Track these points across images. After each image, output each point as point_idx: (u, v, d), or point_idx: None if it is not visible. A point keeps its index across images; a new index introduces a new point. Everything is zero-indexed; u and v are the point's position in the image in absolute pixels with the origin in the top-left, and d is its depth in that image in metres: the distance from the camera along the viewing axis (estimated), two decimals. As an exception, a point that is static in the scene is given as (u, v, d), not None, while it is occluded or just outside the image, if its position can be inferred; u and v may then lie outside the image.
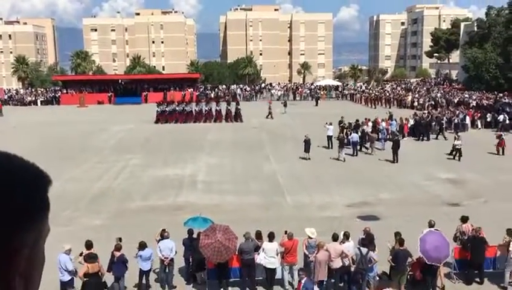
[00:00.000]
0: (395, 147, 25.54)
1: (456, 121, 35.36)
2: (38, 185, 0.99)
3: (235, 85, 74.17)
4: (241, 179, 22.35)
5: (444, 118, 35.80)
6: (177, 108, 42.86)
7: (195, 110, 42.82)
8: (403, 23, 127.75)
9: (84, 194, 19.91)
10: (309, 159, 25.60)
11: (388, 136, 29.72)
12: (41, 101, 62.27)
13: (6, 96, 64.26)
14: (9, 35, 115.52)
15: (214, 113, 42.33)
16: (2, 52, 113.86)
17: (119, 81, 67.27)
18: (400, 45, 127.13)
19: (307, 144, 25.69)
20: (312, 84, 77.94)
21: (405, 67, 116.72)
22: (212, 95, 62.04)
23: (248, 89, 69.93)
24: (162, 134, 35.16)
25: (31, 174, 0.99)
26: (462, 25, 76.90)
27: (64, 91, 63.06)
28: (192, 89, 62.59)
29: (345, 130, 28.78)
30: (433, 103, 49.03)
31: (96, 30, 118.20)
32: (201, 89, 66.96)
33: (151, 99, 59.25)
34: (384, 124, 30.96)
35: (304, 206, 18.20)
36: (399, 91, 61.77)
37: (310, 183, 21.35)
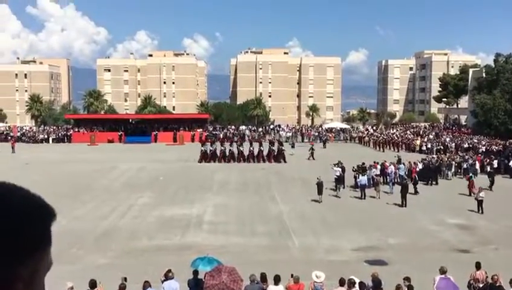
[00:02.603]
0: (404, 191, 25.34)
1: (465, 166, 35.16)
2: (39, 217, 0.97)
3: (244, 126, 74.67)
4: (248, 220, 22.19)
5: (453, 162, 35.62)
6: (221, 147, 42.92)
7: (239, 150, 42.66)
8: (411, 68, 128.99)
9: (90, 232, 19.82)
10: (321, 201, 25.44)
11: (396, 180, 29.55)
12: (53, 139, 62.92)
13: (19, 134, 65.05)
14: (25, 74, 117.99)
15: (255, 154, 42.23)
16: (17, 90, 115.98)
17: (130, 120, 68.05)
18: (408, 90, 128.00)
19: (320, 186, 25.60)
20: (320, 126, 78.30)
21: (413, 112, 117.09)
22: (221, 136, 62.42)
23: (258, 130, 70.34)
24: (170, 173, 35.21)
25: (34, 206, 0.98)
26: (471, 71, 77.49)
27: (76, 129, 63.79)
28: (201, 129, 63.06)
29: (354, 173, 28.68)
30: (442, 147, 48.92)
31: (109, 70, 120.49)
32: (211, 129, 67.41)
33: (160, 139, 59.77)
34: (392, 167, 30.84)
35: (311, 249, 17.96)
36: (408, 135, 61.80)
37: (317, 226, 21.13)
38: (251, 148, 42.80)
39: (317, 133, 66.80)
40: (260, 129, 71.72)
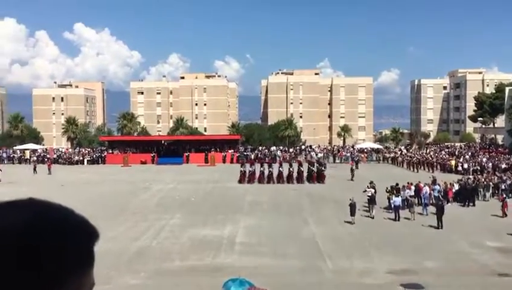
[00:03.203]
0: (439, 213, 24.77)
1: (503, 187, 34.19)
2: (83, 237, 0.99)
3: (275, 147, 74.68)
4: (280, 241, 22.02)
5: (491, 183, 34.69)
6: (261, 168, 42.89)
7: (280, 170, 42.52)
8: (445, 88, 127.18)
9: (123, 253, 20.01)
10: (354, 223, 25.11)
11: (431, 201, 28.94)
12: (87, 160, 64.25)
13: (55, 156, 66.66)
14: (62, 98, 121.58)
15: (295, 174, 42.07)
16: (54, 113, 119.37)
17: (162, 142, 69.06)
18: (443, 109, 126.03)
19: (353, 207, 25.30)
20: (352, 146, 77.63)
21: (448, 131, 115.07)
22: (252, 157, 62.57)
23: (289, 150, 70.20)
24: (202, 194, 35.41)
25: (78, 226, 1.00)
26: (507, 89, 75.81)
27: (110, 151, 65.00)
28: (232, 150, 63.38)
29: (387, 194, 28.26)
30: (478, 167, 47.76)
31: (142, 93, 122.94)
32: (242, 150, 67.65)
33: (192, 160, 60.33)
34: (427, 188, 30.23)
35: (344, 272, 17.66)
36: (442, 155, 60.63)
37: (350, 248, 20.80)
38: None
39: (349, 154, 66.24)
40: (291, 150, 71.57)
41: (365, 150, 70.02)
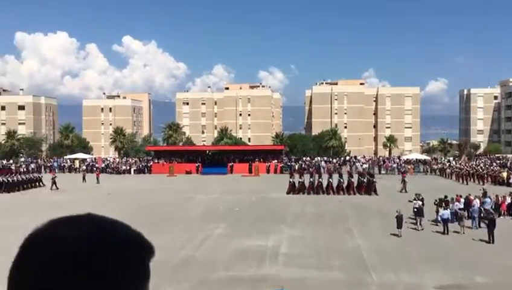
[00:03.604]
0: (491, 227, 23.88)
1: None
2: (139, 253, 1.02)
3: (319, 157, 74.16)
4: (324, 253, 21.77)
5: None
6: (310, 179, 42.40)
7: (330, 181, 42.01)
8: (495, 97, 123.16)
9: (167, 262, 20.24)
10: (401, 236, 24.55)
11: (482, 215, 27.96)
12: (134, 170, 65.66)
13: (103, 165, 68.50)
14: (110, 109, 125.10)
15: (343, 185, 41.59)
16: (103, 124, 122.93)
17: (207, 152, 69.79)
18: (494, 119, 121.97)
19: (399, 219, 24.77)
20: (398, 157, 76.14)
21: (500, 142, 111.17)
22: (296, 167, 62.37)
23: (333, 161, 69.56)
24: (246, 204, 35.49)
25: (134, 241, 1.02)
26: (562, 98, 72.66)
27: (156, 161, 66.23)
28: (276, 161, 63.34)
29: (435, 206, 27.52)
30: (532, 179, 45.85)
31: (188, 104, 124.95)
32: (286, 161, 67.51)
33: (236, 170, 60.65)
34: (477, 201, 29.24)
35: (390, 286, 17.25)
36: (493, 167, 58.56)
37: (396, 261, 20.32)
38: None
39: (395, 165, 64.99)
40: (335, 160, 70.89)
41: (412, 161, 68.52)
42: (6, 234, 25.49)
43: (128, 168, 66.84)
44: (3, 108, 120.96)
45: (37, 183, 48.27)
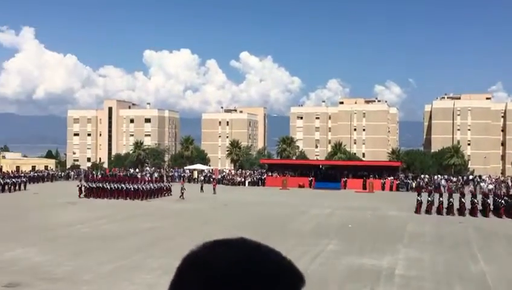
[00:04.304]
0: None
1: None
2: (291, 282, 1.01)
3: (439, 175, 70.43)
4: (444, 277, 20.48)
5: None
6: (440, 198, 40.13)
7: (450, 201, 39.43)
8: None
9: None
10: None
11: None
12: (248, 182, 67.24)
13: (220, 176, 71.05)
14: (227, 122, 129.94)
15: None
16: (220, 136, 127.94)
17: (320, 166, 69.49)
18: None
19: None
20: (530, 178, 69.84)
21: None
22: (414, 185, 59.80)
23: (454, 180, 65.67)
24: (359, 221, 34.65)
25: (286, 270, 1.03)
26: None
27: (270, 173, 67.28)
28: (392, 177, 61.31)
29: None
30: None
31: (301, 118, 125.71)
32: (402, 178, 65.03)
33: (350, 186, 59.66)
34: None
35: (521, 319, 15.73)
36: None
37: (528, 293, 18.51)
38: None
39: (526, 186, 59.69)
40: (455, 179, 66.84)
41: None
42: (141, 236, 27.35)
43: (242, 179, 68.61)
44: (132, 121, 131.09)
45: (165, 193, 50.36)
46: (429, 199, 39.84)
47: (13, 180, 55.73)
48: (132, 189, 46.72)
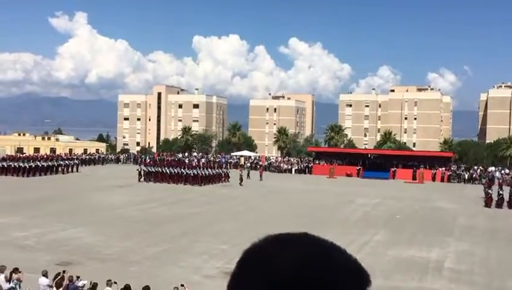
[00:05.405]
0: None
1: None
2: (358, 282, 0.98)
3: (493, 167, 68.00)
4: (497, 272, 19.87)
5: None
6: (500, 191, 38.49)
7: (499, 193, 38.18)
8: None
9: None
10: None
11: None
12: (295, 170, 67.10)
13: (266, 163, 71.23)
14: (275, 109, 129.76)
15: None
16: (267, 123, 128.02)
17: (369, 155, 68.48)
18: None
19: None
20: None
21: None
22: (466, 177, 58.14)
23: (508, 172, 63.25)
24: (408, 212, 34.02)
25: (353, 270, 0.99)
26: None
27: (317, 162, 66.90)
28: (444, 168, 59.76)
29: None
30: None
31: (351, 106, 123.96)
32: (454, 169, 63.21)
33: (399, 176, 58.56)
34: None
35: None
36: None
37: None
38: (501, 192, 38.48)
39: None
40: (508, 171, 64.32)
41: None
42: (188, 220, 27.94)
43: (289, 167, 68.53)
44: (180, 106, 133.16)
45: (223, 179, 50.21)
46: (500, 192, 38.53)
47: (66, 162, 57.91)
48: (192, 174, 47.56)
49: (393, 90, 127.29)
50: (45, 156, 60.23)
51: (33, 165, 52.13)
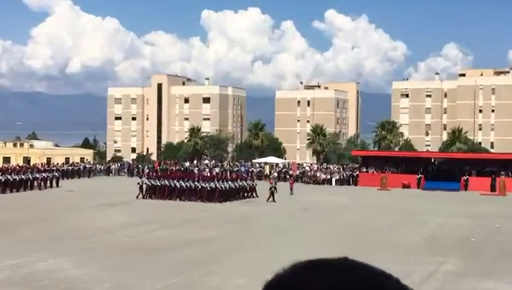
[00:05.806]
0: None
1: None
2: None
3: None
4: None
5: None
6: None
7: None
8: None
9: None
10: None
11: None
12: (336, 180, 67.03)
13: (298, 172, 71.29)
14: (308, 102, 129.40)
15: None
16: (299, 120, 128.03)
17: (432, 160, 68.10)
18: None
19: None
20: None
21: None
22: None
23: None
24: (486, 234, 33.71)
25: None
26: None
27: (364, 169, 66.70)
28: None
29: None
30: None
31: (407, 96, 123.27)
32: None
33: (473, 186, 58.09)
34: None
35: None
36: None
37: None
38: None
39: None
40: None
41: None
42: (199, 247, 28.21)
43: (328, 177, 68.47)
44: (186, 100, 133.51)
45: (249, 194, 50.98)
46: None
47: (43, 175, 58.79)
48: (208, 188, 47.90)
49: (463, 75, 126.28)
50: (17, 167, 61.21)
51: (2, 180, 53.03)
